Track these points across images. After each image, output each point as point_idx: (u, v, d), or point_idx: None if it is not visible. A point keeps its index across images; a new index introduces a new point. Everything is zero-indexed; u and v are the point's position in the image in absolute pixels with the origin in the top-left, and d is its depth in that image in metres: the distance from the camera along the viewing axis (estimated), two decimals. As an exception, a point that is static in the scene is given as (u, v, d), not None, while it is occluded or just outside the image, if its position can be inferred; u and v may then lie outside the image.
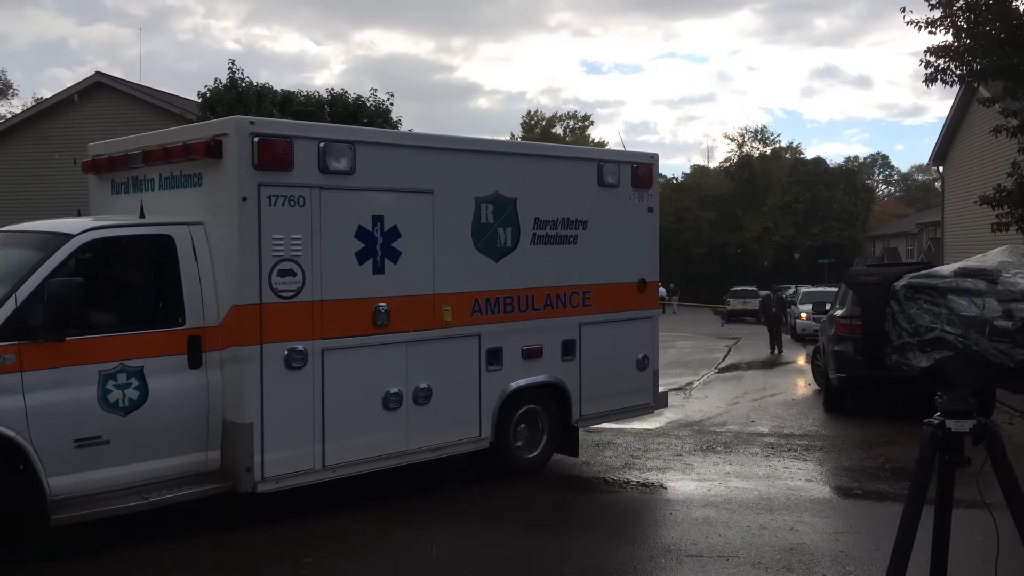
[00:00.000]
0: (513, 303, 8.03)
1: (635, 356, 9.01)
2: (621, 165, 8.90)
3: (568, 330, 8.42)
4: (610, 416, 9.12)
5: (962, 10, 13.94)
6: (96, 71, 25.84)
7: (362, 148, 7.02)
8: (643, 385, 9.14)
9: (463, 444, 7.75)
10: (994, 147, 18.71)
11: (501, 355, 7.92)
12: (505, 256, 7.96)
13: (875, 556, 5.88)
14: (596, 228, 8.63)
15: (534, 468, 8.29)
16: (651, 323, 9.28)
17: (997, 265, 2.96)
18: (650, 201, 9.17)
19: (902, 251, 56.91)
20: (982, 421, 3.06)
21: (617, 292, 8.88)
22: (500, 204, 7.91)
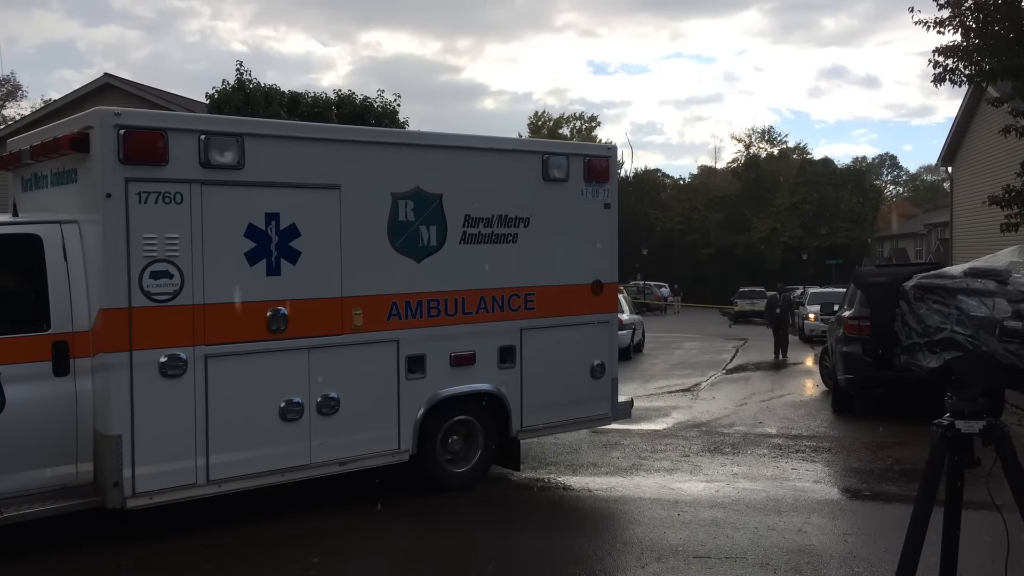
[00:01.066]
0: (439, 306, 7.49)
1: (589, 363, 8.37)
2: (571, 158, 8.26)
3: (506, 335, 7.86)
4: (560, 428, 8.51)
5: (971, 10, 13.89)
6: (104, 73, 25.92)
7: (253, 141, 6.54)
8: (598, 394, 8.48)
9: (378, 457, 7.24)
10: (1003, 147, 18.62)
11: (424, 362, 7.39)
12: (429, 256, 7.42)
13: (884, 558, 5.86)
14: (541, 226, 8.03)
15: (464, 483, 7.74)
16: (608, 328, 8.60)
17: (1007, 265, 2.96)
18: (607, 196, 8.50)
19: (911, 252, 56.73)
20: (992, 422, 3.05)
21: (567, 295, 8.26)
22: (422, 200, 7.37)
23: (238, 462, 6.50)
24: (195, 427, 6.31)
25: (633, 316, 23.51)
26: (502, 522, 7.05)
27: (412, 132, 9.26)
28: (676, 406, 13.69)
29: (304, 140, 6.96)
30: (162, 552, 6.17)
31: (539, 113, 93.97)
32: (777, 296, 23.99)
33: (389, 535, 6.68)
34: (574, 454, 9.56)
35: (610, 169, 8.55)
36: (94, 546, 6.25)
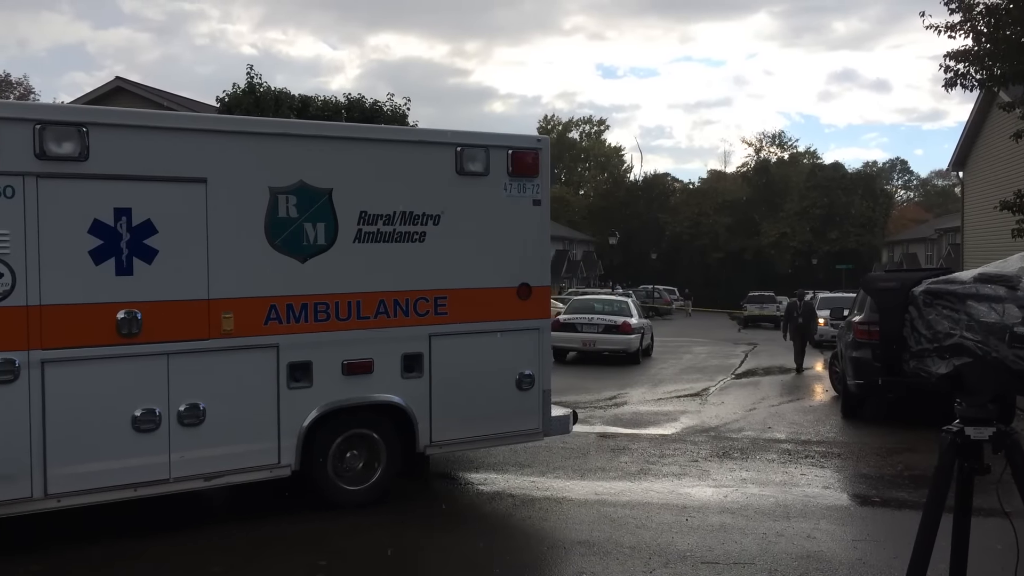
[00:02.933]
0: (328, 310, 6.95)
1: (514, 374, 7.74)
2: (491, 150, 7.60)
3: (412, 342, 7.28)
4: (479, 443, 7.94)
5: (982, 14, 13.86)
6: (116, 76, 26.09)
7: (99, 131, 6.07)
8: (526, 407, 7.83)
9: (253, 471, 6.73)
10: (1015, 152, 18.56)
11: (310, 370, 6.86)
12: (316, 256, 6.89)
13: (893, 564, 5.83)
14: (454, 224, 7.44)
15: (361, 501, 7.19)
16: (538, 335, 7.92)
17: (1017, 271, 2.94)
18: (536, 192, 7.84)
19: (921, 257, 56.52)
20: (1002, 428, 3.03)
21: (487, 298, 7.65)
22: (307, 196, 6.84)
23: (81, 475, 6.04)
24: (30, 437, 5.87)
25: (642, 320, 23.48)
26: (502, 528, 7.03)
27: (294, 122, 8.53)
28: (685, 411, 13.66)
29: (161, 130, 6.41)
30: (171, 551, 6.17)
31: (548, 117, 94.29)
32: (797, 302, 21.22)
33: (399, 538, 6.68)
34: (582, 459, 9.55)
35: (540, 163, 7.86)
36: (106, 542, 6.26)
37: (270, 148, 6.78)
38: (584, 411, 13.50)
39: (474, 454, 9.66)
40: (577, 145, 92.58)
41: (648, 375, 19.48)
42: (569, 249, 66.70)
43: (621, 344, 21.55)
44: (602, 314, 22.37)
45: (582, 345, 21.74)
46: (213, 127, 6.90)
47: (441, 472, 8.70)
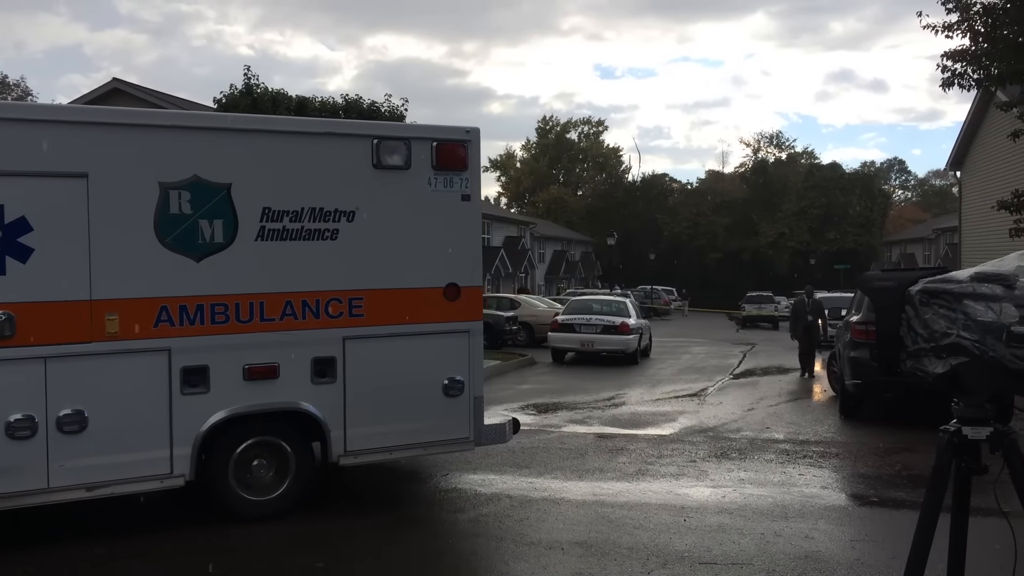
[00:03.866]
0: (227, 311, 6.58)
1: (440, 379, 7.34)
2: (413, 142, 7.20)
3: (324, 345, 6.90)
4: (400, 452, 7.41)
5: (979, 14, 13.87)
6: (113, 77, 26.06)
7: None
8: (454, 415, 7.43)
9: (143, 482, 6.35)
10: (1012, 152, 18.58)
11: (207, 375, 6.50)
12: (213, 254, 6.52)
13: (891, 564, 5.82)
14: (371, 220, 7.05)
15: (268, 513, 6.82)
16: (468, 339, 7.48)
17: (1014, 270, 2.94)
18: (465, 187, 7.40)
19: (919, 256, 56.59)
20: (999, 428, 3.02)
21: (409, 299, 7.24)
22: (202, 191, 6.47)
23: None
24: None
25: (640, 321, 23.49)
26: (510, 526, 7.01)
27: (187, 113, 8.11)
28: (683, 411, 13.65)
29: (35, 123, 6.07)
30: (169, 552, 6.16)
31: (547, 118, 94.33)
32: (805, 300, 19.13)
33: (396, 539, 6.67)
34: (580, 459, 9.53)
35: (469, 156, 7.42)
36: (104, 541, 6.24)
37: (160, 141, 6.40)
38: (582, 412, 13.51)
39: (470, 455, 9.65)
40: (575, 146, 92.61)
41: (646, 375, 19.47)
42: (567, 250, 66.77)
43: (619, 344, 21.56)
44: (600, 314, 22.37)
45: (580, 345, 21.75)
46: (94, 119, 6.47)
47: (439, 473, 8.69)
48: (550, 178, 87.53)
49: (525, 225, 59.40)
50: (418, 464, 8.92)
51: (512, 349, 23.93)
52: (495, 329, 24.76)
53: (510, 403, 14.38)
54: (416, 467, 8.83)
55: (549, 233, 65.31)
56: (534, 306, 29.01)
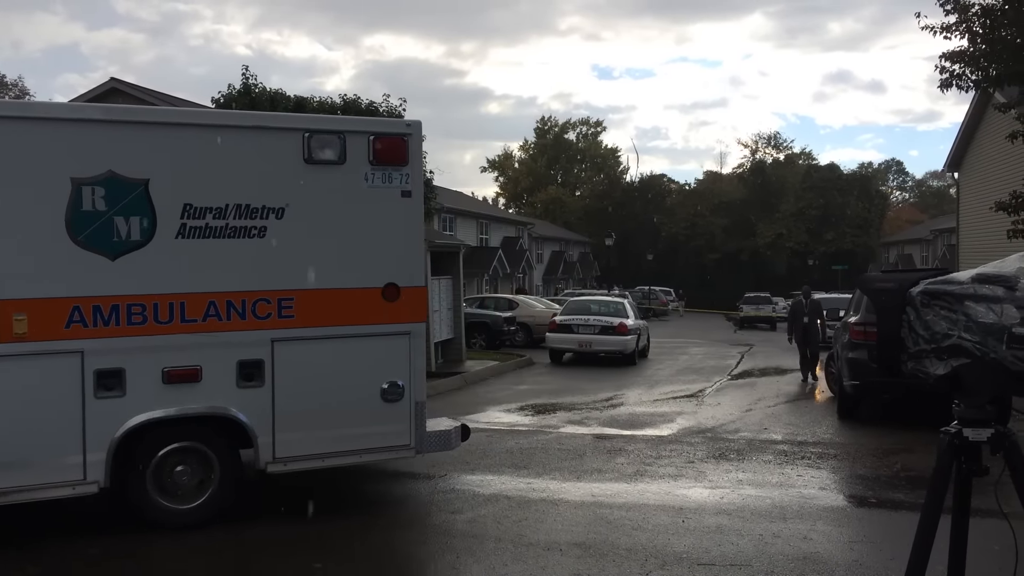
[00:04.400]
0: (144, 312, 6.30)
1: (379, 383, 7.00)
2: (348, 136, 6.88)
3: (250, 348, 6.61)
4: (333, 459, 7.03)
5: (977, 15, 13.88)
6: (111, 77, 26.04)
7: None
8: (393, 421, 7.08)
9: (53, 488, 6.09)
10: (1010, 153, 18.59)
11: (123, 378, 6.23)
12: (130, 253, 6.25)
13: (890, 565, 5.82)
14: (303, 217, 6.77)
15: (189, 522, 6.53)
16: (409, 341, 7.12)
17: (1015, 271, 2.92)
18: (405, 183, 7.06)
19: (916, 258, 56.65)
20: (1000, 430, 3.02)
21: (344, 300, 6.94)
22: (118, 187, 6.19)
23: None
24: None
25: (638, 321, 23.49)
26: (508, 527, 7.00)
27: (100, 107, 7.81)
28: (681, 412, 13.65)
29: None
30: (166, 552, 6.14)
31: (545, 119, 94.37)
32: (803, 300, 18.50)
33: (393, 540, 6.66)
34: (578, 460, 9.52)
35: (408, 150, 7.09)
36: (102, 542, 6.23)
37: (72, 135, 6.17)
38: (580, 412, 13.50)
39: (468, 456, 9.64)
40: (573, 146, 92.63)
41: (644, 376, 19.47)
42: (565, 250, 66.76)
43: (617, 345, 21.56)
44: (598, 315, 22.37)
45: (578, 346, 21.75)
46: (1, 113, 6.30)
47: (437, 473, 8.68)
48: (548, 178, 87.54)
49: (523, 225, 59.39)
50: (415, 464, 8.91)
51: (510, 350, 23.94)
52: (493, 329, 24.78)
53: (508, 403, 14.39)
54: (413, 468, 8.82)
55: (547, 233, 65.33)
56: (532, 306, 29.01)
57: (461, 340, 20.51)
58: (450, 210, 43.17)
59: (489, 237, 51.64)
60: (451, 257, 20.59)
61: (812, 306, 18.23)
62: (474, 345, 23.15)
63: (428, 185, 20.25)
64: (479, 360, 20.38)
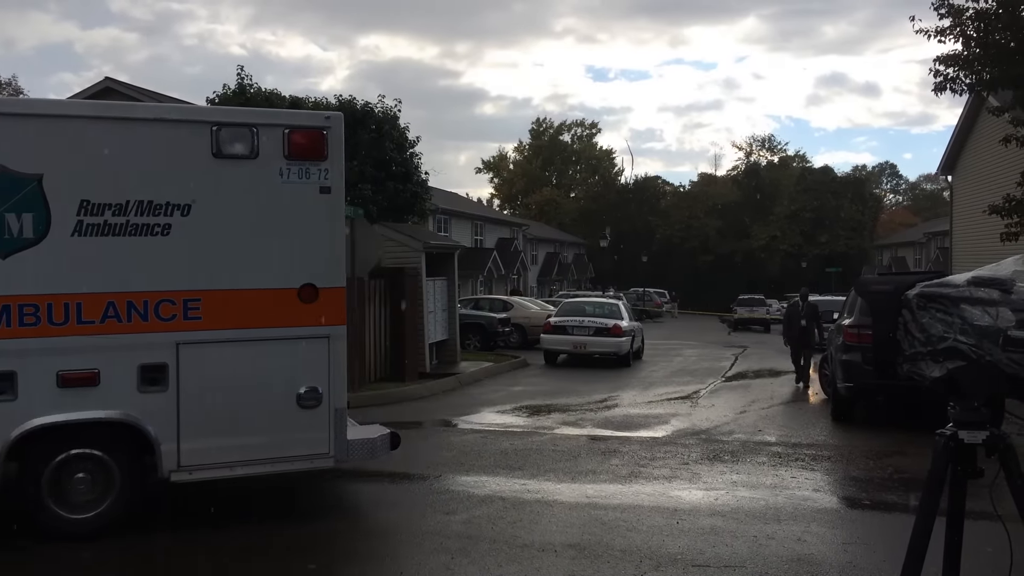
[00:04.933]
0: (38, 313, 6.02)
1: (294, 389, 6.64)
2: (261, 130, 6.56)
3: (153, 351, 6.30)
4: (246, 468, 6.65)
5: (971, 19, 13.94)
6: (105, 76, 25.94)
7: None
8: (310, 428, 6.72)
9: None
10: (1004, 156, 18.66)
11: (14, 381, 5.97)
12: (21, 251, 5.99)
13: (883, 567, 5.83)
14: (211, 214, 6.44)
15: (86, 532, 6.22)
16: (327, 345, 6.76)
17: (1011, 275, 2.94)
18: (324, 178, 6.70)
19: (910, 261, 56.81)
20: (995, 432, 3.03)
21: (257, 301, 6.60)
22: (8, 182, 5.96)
23: None
24: None
25: (632, 323, 23.51)
26: (503, 528, 7.00)
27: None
28: (675, 413, 13.66)
29: None
30: (164, 551, 6.13)
31: (540, 120, 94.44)
32: (800, 304, 18.04)
33: (388, 541, 6.65)
34: (572, 461, 9.52)
35: (328, 144, 6.72)
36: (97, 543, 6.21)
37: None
38: (575, 414, 13.51)
39: (463, 457, 9.65)
40: (568, 148, 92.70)
41: (639, 378, 19.49)
42: (560, 252, 66.76)
43: (612, 347, 21.58)
44: (593, 317, 22.39)
45: (573, 347, 21.76)
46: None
47: (432, 474, 8.68)
48: (543, 180, 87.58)
49: (518, 227, 59.41)
50: (411, 465, 8.91)
51: (504, 351, 23.93)
52: (488, 331, 24.78)
53: (502, 405, 14.38)
54: (409, 468, 8.81)
55: (542, 235, 65.34)
56: (527, 308, 29.02)
57: (455, 341, 20.50)
58: (445, 211, 43.17)
59: (484, 238, 51.65)
60: (446, 258, 20.60)
61: (809, 309, 17.72)
62: (468, 346, 23.14)
63: (423, 186, 20.25)
64: (474, 361, 20.37)
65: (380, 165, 18.37)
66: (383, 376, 16.27)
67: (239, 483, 7.07)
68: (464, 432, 11.77)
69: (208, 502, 7.18)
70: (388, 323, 16.67)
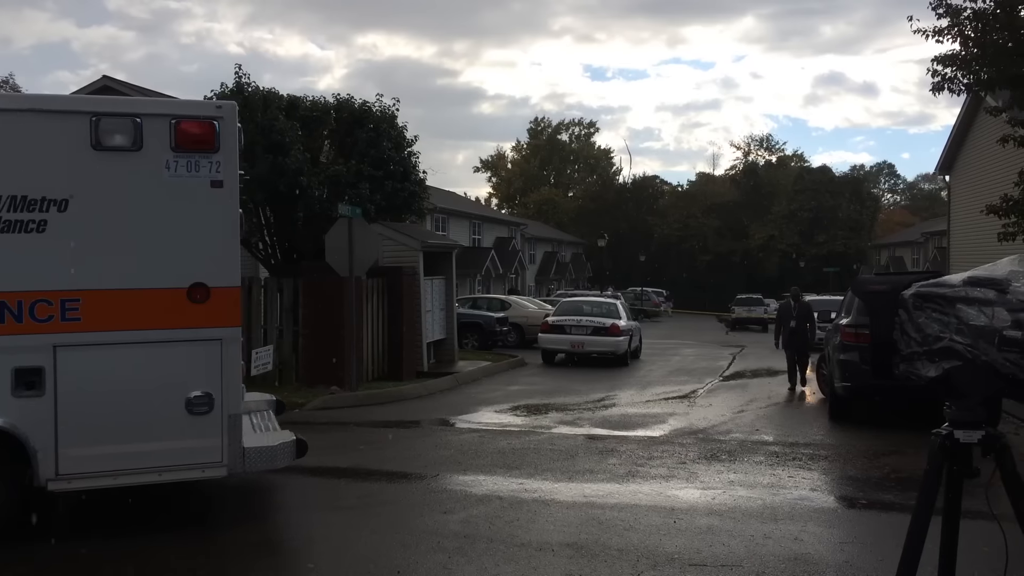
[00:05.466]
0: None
1: (184, 394, 6.29)
2: (145, 120, 6.19)
3: (28, 354, 5.98)
4: (129, 476, 6.30)
5: (969, 19, 13.94)
6: (103, 75, 25.89)
7: None
8: (201, 435, 6.36)
9: None
10: (1001, 156, 18.67)
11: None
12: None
13: (880, 567, 5.84)
14: (90, 210, 6.12)
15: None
16: (220, 348, 6.40)
17: (1007, 275, 2.94)
18: (216, 172, 6.32)
19: (908, 260, 56.85)
20: (991, 432, 3.03)
21: (141, 302, 6.24)
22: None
23: None
24: None
25: (630, 322, 23.52)
26: (500, 527, 7.01)
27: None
28: (673, 413, 13.67)
29: None
30: (161, 552, 6.12)
31: (538, 119, 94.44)
32: (791, 303, 17.35)
33: (385, 542, 6.65)
34: (570, 460, 9.53)
35: (220, 135, 6.34)
36: (95, 542, 6.21)
37: None
38: (572, 413, 13.51)
39: (460, 456, 9.65)
40: (566, 147, 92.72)
41: (636, 377, 19.49)
42: (558, 251, 66.77)
43: (610, 346, 21.59)
44: (591, 316, 22.40)
45: (571, 347, 21.77)
46: None
47: (429, 473, 8.68)
48: (541, 179, 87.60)
49: (516, 226, 59.39)
50: (409, 464, 8.91)
51: (502, 350, 23.93)
52: (486, 330, 24.78)
53: (500, 404, 14.39)
54: (407, 467, 8.82)
55: (540, 234, 65.34)
56: (524, 307, 29.03)
57: (453, 340, 20.51)
58: (443, 210, 43.15)
59: (482, 238, 51.63)
60: (444, 257, 20.60)
61: (801, 310, 17.13)
62: (466, 345, 23.15)
63: (421, 185, 20.22)
64: (471, 360, 20.38)
65: (378, 164, 18.33)
66: (381, 375, 16.27)
67: (238, 484, 7.06)
68: (462, 431, 11.78)
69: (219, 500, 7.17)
70: (386, 322, 16.67)
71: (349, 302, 14.24)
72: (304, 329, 14.86)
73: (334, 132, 19.38)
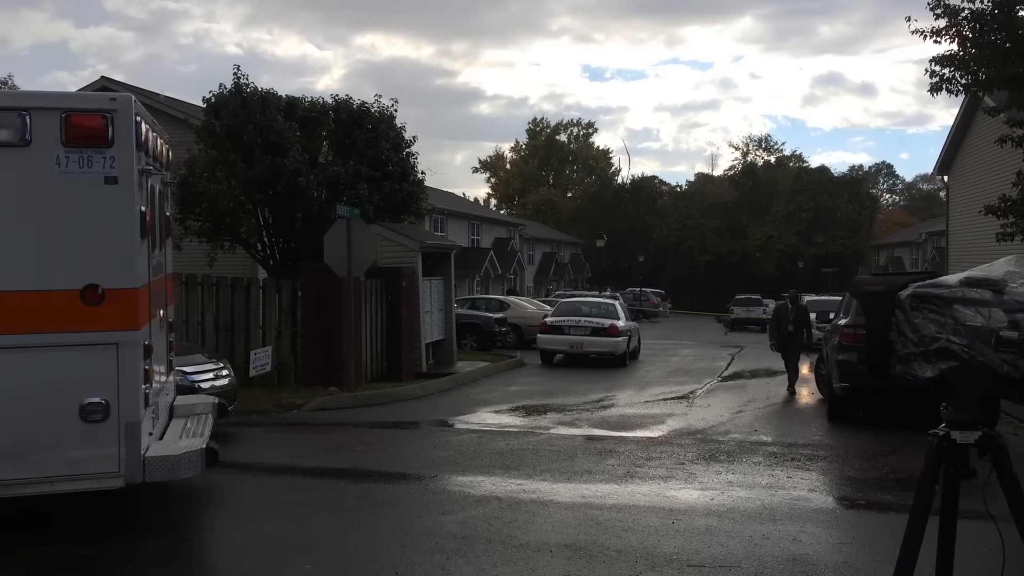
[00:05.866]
0: None
1: (76, 402, 5.89)
2: (34, 113, 5.84)
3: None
4: (17, 487, 5.90)
5: (967, 19, 13.96)
6: (101, 76, 25.93)
7: None
8: (95, 445, 5.95)
9: None
10: (1000, 157, 18.68)
11: None
12: None
13: (878, 567, 5.84)
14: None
15: None
16: (116, 352, 5.98)
17: (1004, 275, 2.94)
18: (110, 168, 5.93)
19: (906, 260, 56.88)
20: (988, 432, 3.03)
21: (29, 304, 5.87)
22: None
23: None
24: None
25: (629, 323, 23.53)
26: (499, 528, 7.01)
27: None
28: (671, 413, 13.67)
29: None
30: (160, 551, 6.12)
31: (537, 120, 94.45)
32: (788, 306, 16.94)
33: (384, 542, 6.65)
34: (568, 461, 9.53)
35: (114, 129, 5.95)
36: (92, 542, 6.20)
37: None
38: (571, 414, 13.51)
39: (459, 457, 9.65)
40: (565, 147, 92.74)
41: (635, 378, 19.49)
42: (557, 251, 66.79)
43: (608, 347, 21.59)
44: (589, 316, 22.41)
45: (569, 347, 21.78)
46: None
47: (428, 474, 8.68)
48: (540, 180, 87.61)
49: (514, 227, 59.39)
50: (407, 465, 8.91)
51: (501, 351, 23.94)
52: (484, 330, 24.79)
53: (499, 404, 14.39)
54: (405, 468, 8.82)
55: (538, 235, 65.36)
56: (523, 308, 29.05)
57: (452, 341, 20.51)
58: (441, 211, 43.13)
59: (480, 238, 51.63)
60: (442, 258, 20.60)
61: (798, 313, 16.74)
62: (465, 346, 23.15)
63: (419, 185, 20.22)
64: (470, 361, 20.38)
65: (376, 165, 18.34)
66: (379, 376, 16.27)
67: (236, 484, 7.06)
68: (460, 432, 11.78)
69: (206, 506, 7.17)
70: (384, 322, 16.67)
71: (348, 303, 14.24)
72: (303, 330, 14.86)
73: (332, 133, 19.37)
